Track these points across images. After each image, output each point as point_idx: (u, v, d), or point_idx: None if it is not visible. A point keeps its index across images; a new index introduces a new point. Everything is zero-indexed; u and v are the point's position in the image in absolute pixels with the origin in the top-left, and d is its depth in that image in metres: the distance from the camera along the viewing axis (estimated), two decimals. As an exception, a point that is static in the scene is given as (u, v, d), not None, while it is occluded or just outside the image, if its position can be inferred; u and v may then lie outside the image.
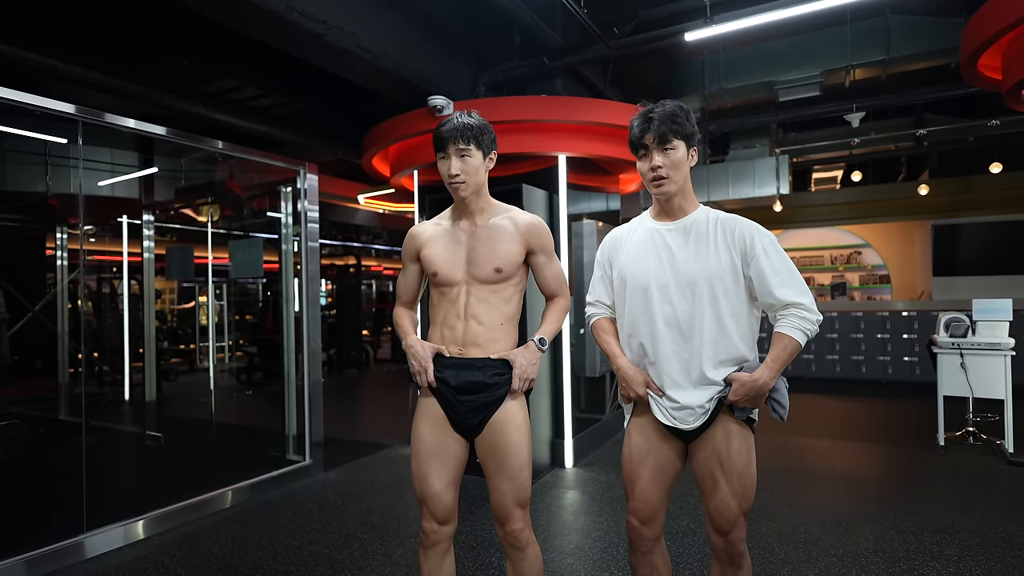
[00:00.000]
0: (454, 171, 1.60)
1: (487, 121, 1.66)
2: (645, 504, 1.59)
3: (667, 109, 1.52)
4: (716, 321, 1.50)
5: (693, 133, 1.54)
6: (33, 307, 5.09)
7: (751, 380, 1.47)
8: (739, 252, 1.50)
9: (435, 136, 1.64)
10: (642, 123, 1.53)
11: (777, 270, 1.48)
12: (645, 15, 4.28)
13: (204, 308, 8.37)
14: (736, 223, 1.53)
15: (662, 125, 1.49)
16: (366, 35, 3.65)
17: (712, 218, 1.56)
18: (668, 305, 1.54)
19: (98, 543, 2.72)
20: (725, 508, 1.52)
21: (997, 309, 4.02)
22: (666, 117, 1.50)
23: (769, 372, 1.47)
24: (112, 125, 2.90)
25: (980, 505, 3.10)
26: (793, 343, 1.46)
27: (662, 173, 1.52)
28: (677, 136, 1.51)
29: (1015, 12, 3.15)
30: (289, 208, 4.03)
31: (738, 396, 1.48)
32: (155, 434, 4.92)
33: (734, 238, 1.51)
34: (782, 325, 1.49)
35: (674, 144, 1.51)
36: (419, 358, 1.63)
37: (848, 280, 9.07)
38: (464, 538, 2.76)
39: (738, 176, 7.09)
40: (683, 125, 1.51)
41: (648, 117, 1.52)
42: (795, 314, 1.47)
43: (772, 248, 1.50)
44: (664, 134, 1.50)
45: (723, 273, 1.50)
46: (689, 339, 1.52)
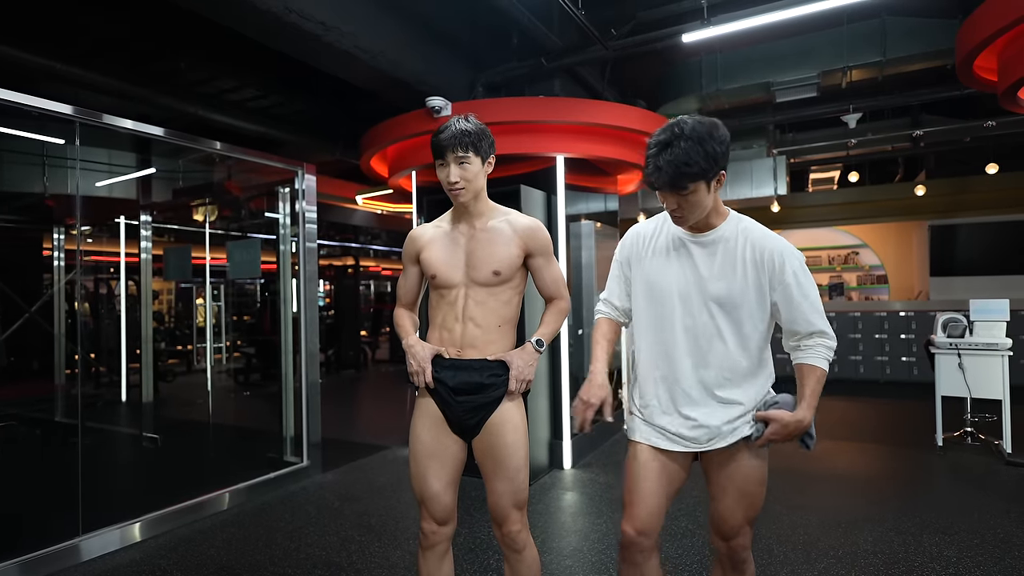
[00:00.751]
0: (453, 178, 1.58)
1: (485, 125, 1.64)
2: (647, 512, 1.48)
3: (679, 152, 1.31)
4: (737, 341, 1.44)
5: (715, 166, 1.34)
6: (30, 308, 5.07)
7: (795, 421, 1.39)
8: (767, 275, 1.42)
9: (433, 143, 1.61)
10: (653, 170, 1.36)
11: (807, 298, 1.41)
12: (643, 16, 4.29)
13: (201, 309, 8.35)
14: (766, 244, 1.43)
15: (671, 177, 1.33)
16: (364, 36, 3.64)
17: (742, 231, 1.45)
18: (689, 320, 1.46)
19: (94, 546, 2.71)
20: (730, 515, 1.48)
21: (994, 309, 4.02)
22: (675, 168, 1.31)
23: (811, 410, 1.40)
24: (109, 126, 2.89)
25: (979, 506, 3.10)
26: (824, 373, 1.41)
27: (679, 215, 1.41)
28: (695, 180, 1.33)
29: (1010, 14, 3.16)
30: (287, 209, 4.02)
31: (779, 437, 1.40)
32: (152, 436, 4.90)
33: (763, 259, 1.42)
34: (810, 356, 1.42)
35: (691, 188, 1.34)
36: (418, 358, 1.64)
37: (846, 280, 9.09)
38: (462, 540, 2.76)
39: (736, 177, 7.11)
40: (700, 170, 1.32)
41: (658, 166, 1.34)
42: (821, 343, 1.41)
43: (802, 273, 1.42)
44: (675, 183, 1.34)
45: (748, 293, 1.43)
46: (707, 356, 1.45)
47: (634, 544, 1.47)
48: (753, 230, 1.46)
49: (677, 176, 1.33)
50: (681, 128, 1.33)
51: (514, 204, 3.59)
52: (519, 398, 1.67)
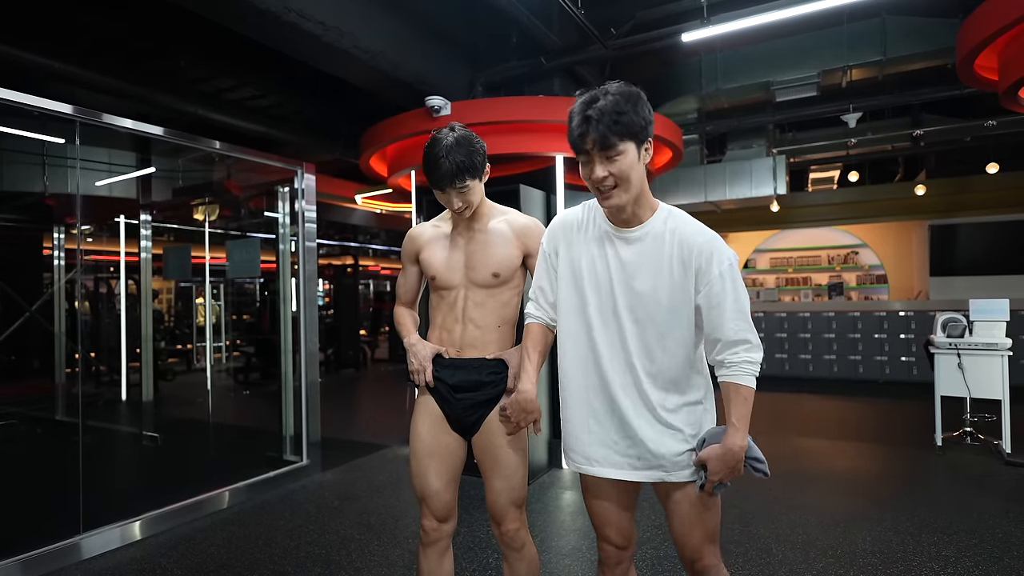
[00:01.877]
0: (456, 206, 1.58)
1: (472, 134, 1.57)
2: (619, 532, 1.44)
3: (608, 102, 1.21)
4: (665, 348, 1.33)
5: (644, 127, 1.23)
6: (30, 307, 5.08)
7: (726, 451, 1.27)
8: (693, 273, 1.29)
9: (429, 178, 1.56)
10: (580, 123, 1.23)
11: (732, 300, 1.27)
12: (642, 16, 4.29)
13: (201, 308, 8.36)
14: (695, 240, 1.30)
15: (603, 126, 1.20)
16: (364, 35, 3.65)
17: (671, 228, 1.32)
18: (615, 323, 1.35)
19: (95, 544, 2.71)
20: (687, 536, 1.37)
21: (994, 309, 4.02)
22: (608, 115, 1.20)
23: (740, 435, 1.27)
24: (109, 125, 2.89)
25: (978, 505, 3.10)
26: (750, 392, 1.28)
27: (608, 184, 1.25)
28: (624, 138, 1.21)
29: (1011, 13, 3.16)
30: (286, 208, 4.02)
31: (721, 475, 1.28)
32: (152, 434, 4.91)
33: (690, 256, 1.29)
34: (734, 374, 1.28)
35: (620, 148, 1.21)
36: (419, 357, 1.65)
37: (845, 280, 9.09)
38: (461, 539, 2.76)
39: (735, 176, 7.11)
40: (629, 124, 1.21)
41: (587, 117, 1.22)
42: (745, 358, 1.28)
43: (729, 273, 1.28)
44: (606, 138, 1.20)
45: (675, 294, 1.31)
46: (632, 362, 1.34)
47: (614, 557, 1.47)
48: (683, 226, 1.32)
49: (610, 126, 1.19)
50: (606, 88, 1.25)
51: (513, 203, 3.59)
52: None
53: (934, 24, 4.97)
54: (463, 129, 1.57)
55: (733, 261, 1.30)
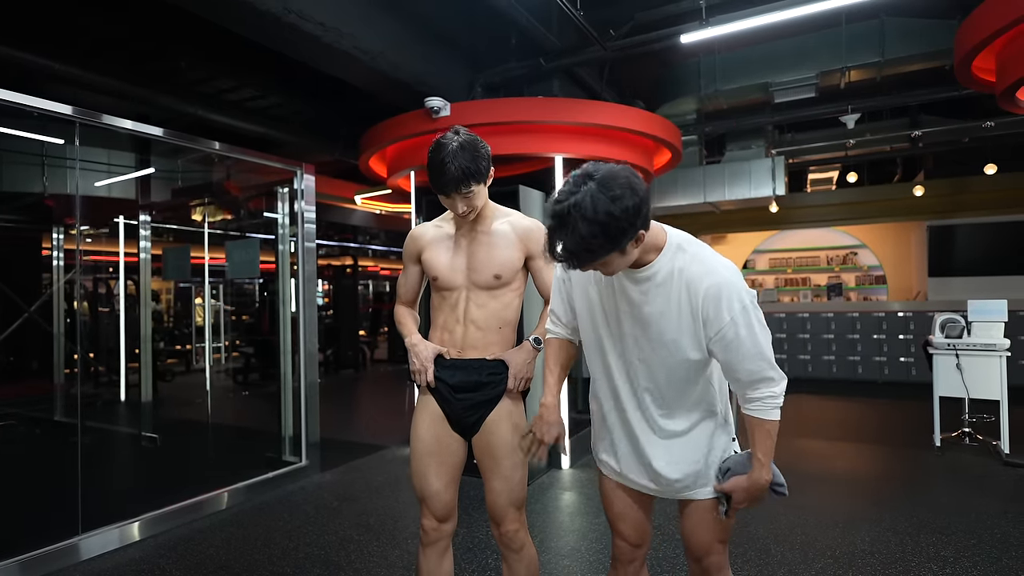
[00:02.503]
0: (461, 210, 1.57)
1: (476, 137, 1.56)
2: (634, 529, 1.47)
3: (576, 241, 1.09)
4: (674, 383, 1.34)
5: (631, 235, 1.12)
6: (29, 307, 5.07)
7: (751, 484, 1.32)
8: (701, 320, 1.26)
9: (433, 184, 1.55)
10: (563, 258, 1.13)
11: (750, 344, 1.24)
12: (641, 17, 4.29)
13: (200, 308, 8.35)
14: (701, 283, 1.23)
15: (579, 261, 1.14)
16: (364, 37, 3.65)
17: (678, 268, 1.26)
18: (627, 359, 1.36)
19: (93, 545, 2.71)
20: (698, 536, 1.42)
21: (992, 310, 4.03)
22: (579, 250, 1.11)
23: (765, 469, 1.32)
24: (109, 126, 2.89)
25: (976, 506, 3.11)
26: (775, 425, 1.31)
27: (606, 271, 1.23)
28: (611, 252, 1.13)
29: (1009, 14, 3.17)
30: (286, 209, 4.03)
31: (745, 504, 1.35)
32: (151, 435, 4.91)
33: (698, 303, 1.25)
34: (757, 409, 1.29)
35: (606, 259, 1.15)
36: (421, 357, 1.65)
37: (844, 281, 9.10)
38: (461, 539, 2.76)
39: (734, 177, 7.12)
40: (612, 244, 1.12)
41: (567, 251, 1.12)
42: (767, 393, 1.28)
43: (742, 316, 1.23)
44: (595, 258, 1.13)
45: (683, 338, 1.29)
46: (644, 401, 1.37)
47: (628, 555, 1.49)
48: (690, 267, 1.26)
49: (585, 260, 1.14)
50: (578, 207, 1.09)
51: (513, 204, 3.59)
52: (518, 397, 1.68)
53: (932, 25, 4.98)
54: (467, 133, 1.56)
55: (746, 302, 1.24)
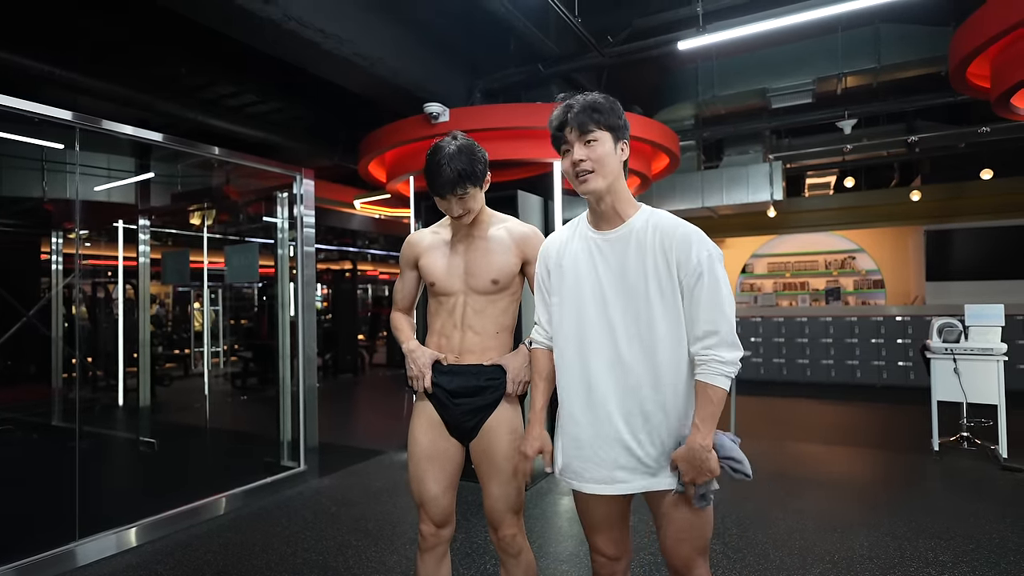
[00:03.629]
0: (456, 213, 1.59)
1: (473, 142, 1.60)
2: (610, 542, 1.43)
3: (588, 98, 1.35)
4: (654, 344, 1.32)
5: (621, 125, 1.36)
6: (28, 312, 5.07)
7: (688, 450, 1.27)
8: (675, 262, 1.30)
9: (430, 185, 1.58)
10: (560, 114, 1.36)
11: (712, 291, 1.28)
12: (639, 24, 4.32)
13: (199, 313, 8.34)
14: (675, 230, 1.32)
15: (582, 114, 1.32)
16: (363, 43, 3.67)
17: (652, 223, 1.35)
18: (607, 326, 1.36)
19: (90, 551, 2.70)
20: (675, 549, 1.37)
21: (989, 314, 4.04)
22: (586, 106, 1.33)
23: (701, 434, 1.26)
24: (109, 132, 2.90)
25: (974, 510, 3.11)
26: (719, 392, 1.27)
27: (586, 167, 1.32)
28: (600, 126, 1.32)
29: (1002, 22, 3.20)
30: (285, 213, 4.03)
31: (690, 475, 1.28)
32: (149, 440, 4.89)
33: (671, 245, 1.31)
34: (702, 373, 1.28)
35: (597, 135, 1.32)
36: (419, 363, 1.65)
37: (842, 285, 9.12)
38: (459, 544, 2.76)
39: (732, 182, 7.14)
40: (607, 115, 1.33)
41: (567, 106, 1.35)
42: (714, 357, 1.27)
43: (708, 264, 1.28)
44: (584, 123, 1.32)
45: (662, 284, 1.31)
46: (628, 366, 1.34)
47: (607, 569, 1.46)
48: (664, 219, 1.36)
49: (588, 111, 1.33)
50: (585, 93, 1.39)
51: (511, 209, 3.62)
52: (516, 402, 1.68)
53: (927, 32, 5.02)
54: (465, 138, 1.59)
55: (713, 253, 1.30)
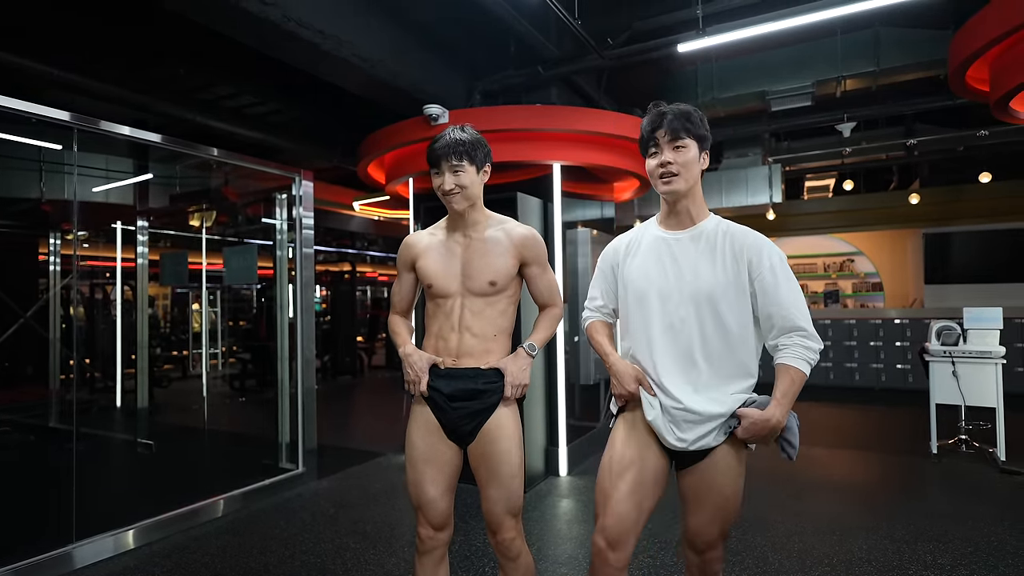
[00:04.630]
0: (447, 186, 1.62)
1: (480, 134, 1.68)
2: (617, 520, 1.43)
3: (681, 108, 1.49)
4: (720, 337, 1.44)
5: (706, 136, 1.49)
6: (25, 313, 5.05)
7: (763, 419, 1.39)
8: (745, 266, 1.44)
9: (428, 153, 1.66)
10: (654, 118, 1.49)
11: (785, 291, 1.41)
12: (638, 26, 4.32)
13: (197, 314, 8.33)
14: (746, 236, 1.47)
15: (675, 121, 1.45)
16: (363, 44, 3.67)
17: (722, 229, 1.49)
18: (671, 318, 1.47)
19: (87, 553, 2.69)
20: (705, 530, 1.47)
21: (987, 318, 4.05)
22: (680, 114, 1.46)
23: (781, 409, 1.40)
24: (107, 133, 2.90)
25: (973, 513, 3.11)
26: (800, 375, 1.39)
27: (672, 169, 1.45)
28: (689, 135, 1.46)
29: (1001, 26, 3.20)
30: (284, 215, 4.03)
31: (748, 434, 1.41)
32: (147, 442, 4.88)
33: (742, 251, 1.45)
34: (787, 355, 1.40)
35: (686, 142, 1.46)
36: (415, 367, 1.65)
37: (841, 288, 9.12)
38: (457, 548, 2.75)
39: (731, 184, 7.15)
40: (697, 125, 1.47)
41: (661, 113, 1.48)
42: (799, 343, 1.39)
43: (780, 266, 1.43)
44: (676, 130, 1.45)
45: (728, 288, 1.44)
46: (692, 354, 1.45)
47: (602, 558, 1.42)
48: (734, 227, 1.50)
49: (681, 119, 1.45)
50: (677, 104, 1.52)
51: (511, 211, 3.61)
52: (514, 405, 1.68)
53: (926, 36, 5.03)
54: (473, 128, 1.68)
55: (783, 256, 1.46)
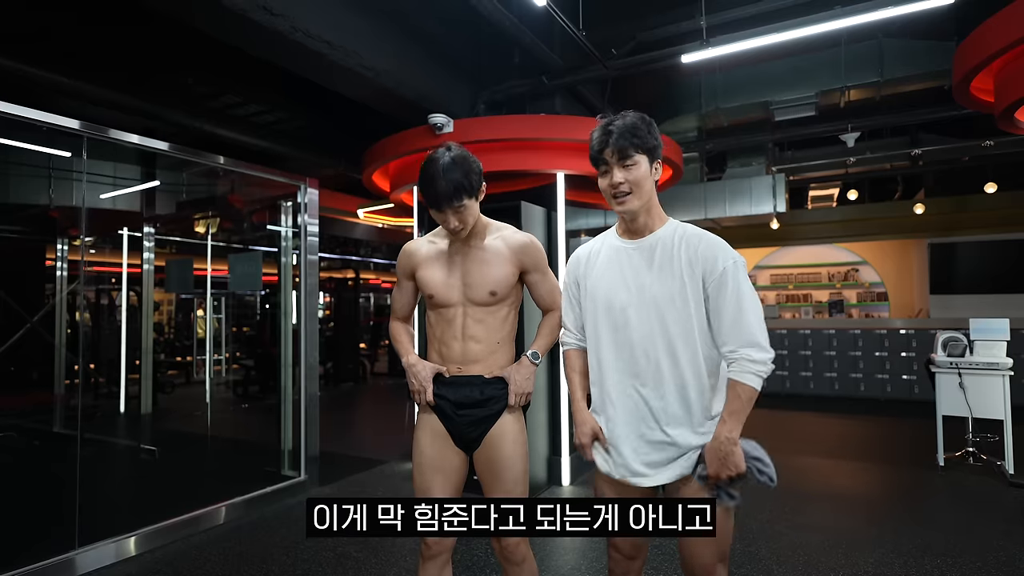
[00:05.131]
0: (454, 226, 1.58)
1: (468, 153, 1.60)
2: (627, 541, 1.46)
3: (627, 121, 1.41)
4: (684, 348, 1.38)
5: (656, 146, 1.43)
6: (31, 318, 5.09)
7: (715, 441, 1.33)
8: (700, 271, 1.38)
9: (426, 199, 1.58)
10: (601, 137, 1.42)
11: (737, 299, 1.34)
12: (642, 37, 4.35)
13: (201, 321, 8.36)
14: (701, 241, 1.40)
15: (621, 139, 1.39)
16: (369, 54, 3.71)
17: (679, 235, 1.44)
18: (635, 330, 1.42)
19: (89, 560, 2.69)
20: (700, 553, 1.40)
21: (994, 329, 4.02)
22: (626, 130, 1.39)
23: (726, 427, 1.32)
24: (116, 140, 2.93)
25: (981, 527, 3.08)
26: (748, 390, 1.32)
27: (624, 189, 1.41)
28: (639, 150, 1.40)
29: (1006, 37, 3.21)
30: (289, 222, 4.05)
31: (714, 467, 1.33)
32: (150, 448, 4.88)
33: (696, 255, 1.39)
34: (732, 371, 1.35)
35: (635, 159, 1.40)
36: (419, 378, 1.66)
37: (846, 297, 9.09)
38: (460, 557, 2.73)
39: (735, 194, 7.15)
40: (645, 138, 1.40)
41: (607, 130, 1.41)
42: (743, 357, 1.33)
43: (732, 271, 1.35)
44: (624, 148, 1.39)
45: (686, 293, 1.38)
46: (657, 366, 1.40)
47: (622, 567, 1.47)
48: (691, 231, 1.45)
49: (628, 135, 1.39)
50: (624, 113, 1.45)
51: (514, 220, 3.61)
52: (519, 412, 1.69)
53: (930, 46, 5.04)
54: (459, 148, 1.60)
55: (738, 261, 1.38)
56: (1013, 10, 3.13)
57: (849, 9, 3.50)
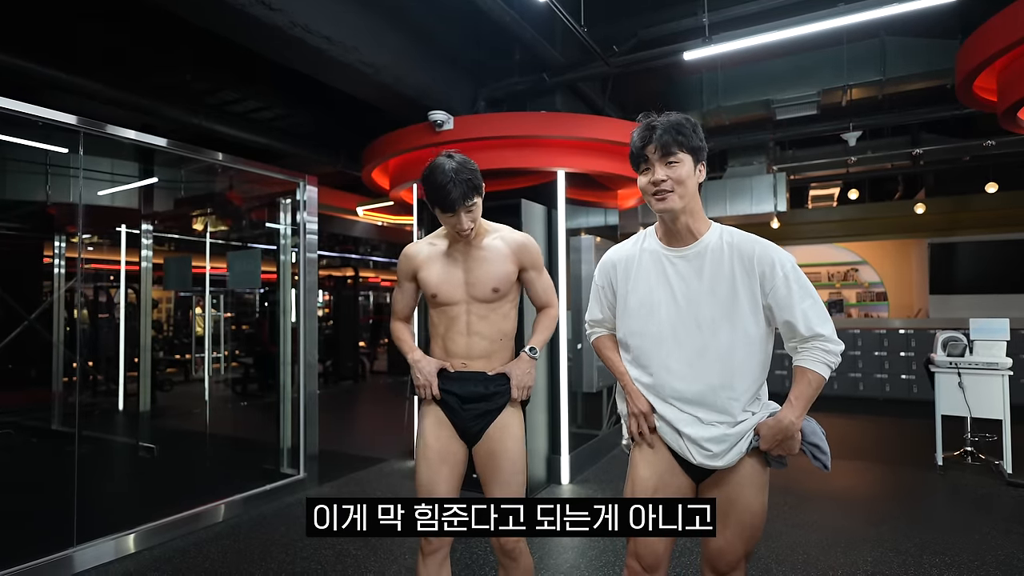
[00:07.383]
0: (465, 227, 1.64)
1: (466, 158, 1.65)
2: (650, 550, 1.41)
3: (672, 119, 1.37)
4: (732, 357, 1.37)
5: (701, 147, 1.39)
6: (29, 315, 5.07)
7: (775, 423, 1.35)
8: (757, 279, 1.36)
9: (439, 203, 1.60)
10: (644, 133, 1.38)
11: (802, 298, 1.34)
12: (644, 34, 4.33)
13: (200, 318, 8.34)
14: (754, 248, 1.38)
15: (665, 135, 1.34)
16: (368, 51, 3.69)
17: (727, 242, 1.40)
18: (680, 342, 1.40)
19: (87, 557, 2.68)
20: (730, 550, 1.41)
21: (994, 329, 4.02)
22: (671, 127, 1.35)
23: (793, 411, 1.34)
24: (114, 136, 2.91)
25: (979, 526, 3.08)
26: (818, 378, 1.34)
27: (666, 187, 1.36)
28: (682, 148, 1.35)
29: (1009, 36, 3.19)
30: (288, 219, 4.04)
31: (768, 444, 1.36)
32: (148, 445, 4.87)
33: (752, 264, 1.36)
34: (804, 358, 1.35)
35: (679, 157, 1.35)
36: (424, 373, 1.72)
37: (845, 297, 9.09)
38: (459, 555, 2.73)
39: (736, 193, 7.14)
40: (690, 137, 1.36)
41: (651, 127, 1.37)
42: (818, 346, 1.34)
43: (793, 274, 1.36)
44: (667, 145, 1.34)
45: (741, 305, 1.36)
46: (705, 377, 1.38)
47: None
48: (737, 236, 1.42)
49: (672, 131, 1.35)
50: (668, 112, 1.41)
51: (515, 218, 3.61)
52: (519, 407, 1.75)
53: (933, 45, 5.02)
54: (457, 153, 1.68)
55: (794, 262, 1.39)
56: (1017, 8, 3.12)
57: (852, 6, 3.48)
